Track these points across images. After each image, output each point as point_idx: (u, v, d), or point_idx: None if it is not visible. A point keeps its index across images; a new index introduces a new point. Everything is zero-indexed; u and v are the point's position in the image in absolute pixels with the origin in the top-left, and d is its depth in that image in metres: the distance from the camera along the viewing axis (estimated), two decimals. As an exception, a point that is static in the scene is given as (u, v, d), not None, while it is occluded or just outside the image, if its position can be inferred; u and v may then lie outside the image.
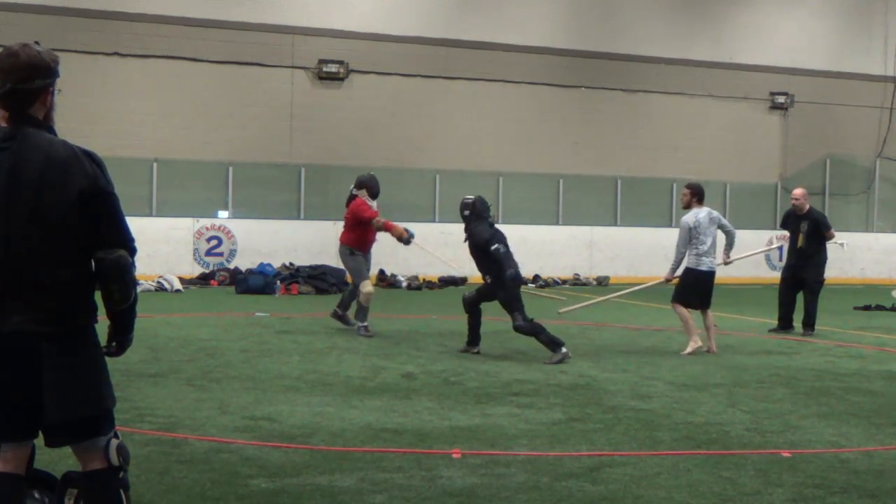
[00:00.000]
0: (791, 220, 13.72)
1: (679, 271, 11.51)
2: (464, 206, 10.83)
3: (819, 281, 13.50)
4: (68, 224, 3.57)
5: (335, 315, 12.79)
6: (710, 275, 11.34)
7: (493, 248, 10.48)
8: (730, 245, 11.69)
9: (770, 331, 13.45)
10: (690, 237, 11.21)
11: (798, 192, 13.71)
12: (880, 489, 5.65)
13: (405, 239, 12.36)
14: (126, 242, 3.67)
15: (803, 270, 13.41)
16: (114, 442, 3.74)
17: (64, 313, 3.59)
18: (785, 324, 13.50)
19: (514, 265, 10.57)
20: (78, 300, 3.64)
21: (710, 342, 11.21)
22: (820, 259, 13.48)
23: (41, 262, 3.55)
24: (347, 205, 12.46)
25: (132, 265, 3.67)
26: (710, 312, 11.41)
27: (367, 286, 12.06)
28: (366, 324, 12.10)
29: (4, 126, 3.62)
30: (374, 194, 12.41)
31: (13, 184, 3.54)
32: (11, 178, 3.54)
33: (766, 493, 5.49)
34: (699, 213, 11.25)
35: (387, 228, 12.22)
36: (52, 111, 3.71)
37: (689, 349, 11.04)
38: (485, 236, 10.58)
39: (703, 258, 11.24)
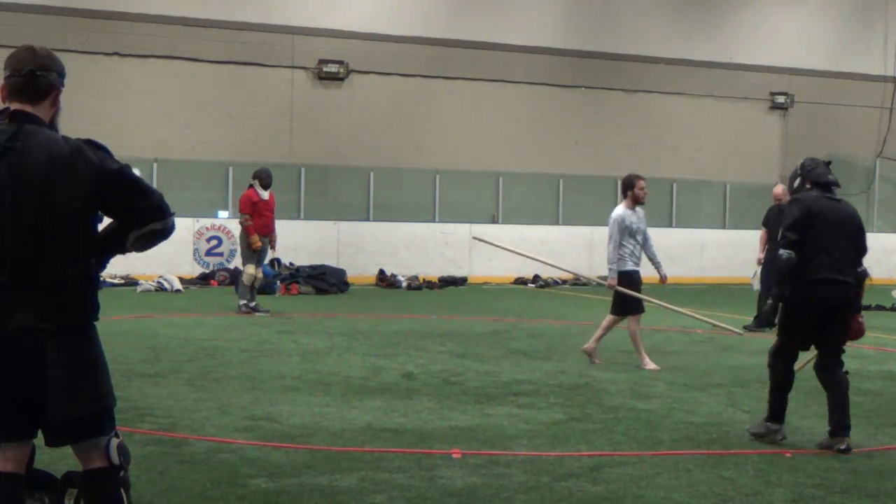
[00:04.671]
0: (773, 214, 13.82)
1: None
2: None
3: None
4: (73, 222, 3.58)
5: (246, 308, 13.83)
6: None
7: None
8: None
9: (744, 327, 13.10)
10: None
11: (779, 189, 14.07)
12: (880, 489, 5.65)
13: (254, 248, 13.71)
14: (157, 210, 3.67)
15: None
16: (114, 441, 3.74)
17: (67, 311, 3.59)
18: (762, 320, 13.35)
19: None
20: (81, 298, 3.64)
21: None
22: None
23: (46, 260, 3.55)
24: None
25: (170, 227, 3.70)
26: None
27: (249, 269, 13.72)
28: (244, 302, 13.85)
29: (6, 126, 3.61)
30: (264, 185, 14.02)
31: (19, 183, 3.54)
32: (17, 177, 3.54)
33: (766, 493, 5.49)
34: None
35: (246, 231, 13.71)
36: (57, 116, 3.74)
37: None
38: None
39: None
